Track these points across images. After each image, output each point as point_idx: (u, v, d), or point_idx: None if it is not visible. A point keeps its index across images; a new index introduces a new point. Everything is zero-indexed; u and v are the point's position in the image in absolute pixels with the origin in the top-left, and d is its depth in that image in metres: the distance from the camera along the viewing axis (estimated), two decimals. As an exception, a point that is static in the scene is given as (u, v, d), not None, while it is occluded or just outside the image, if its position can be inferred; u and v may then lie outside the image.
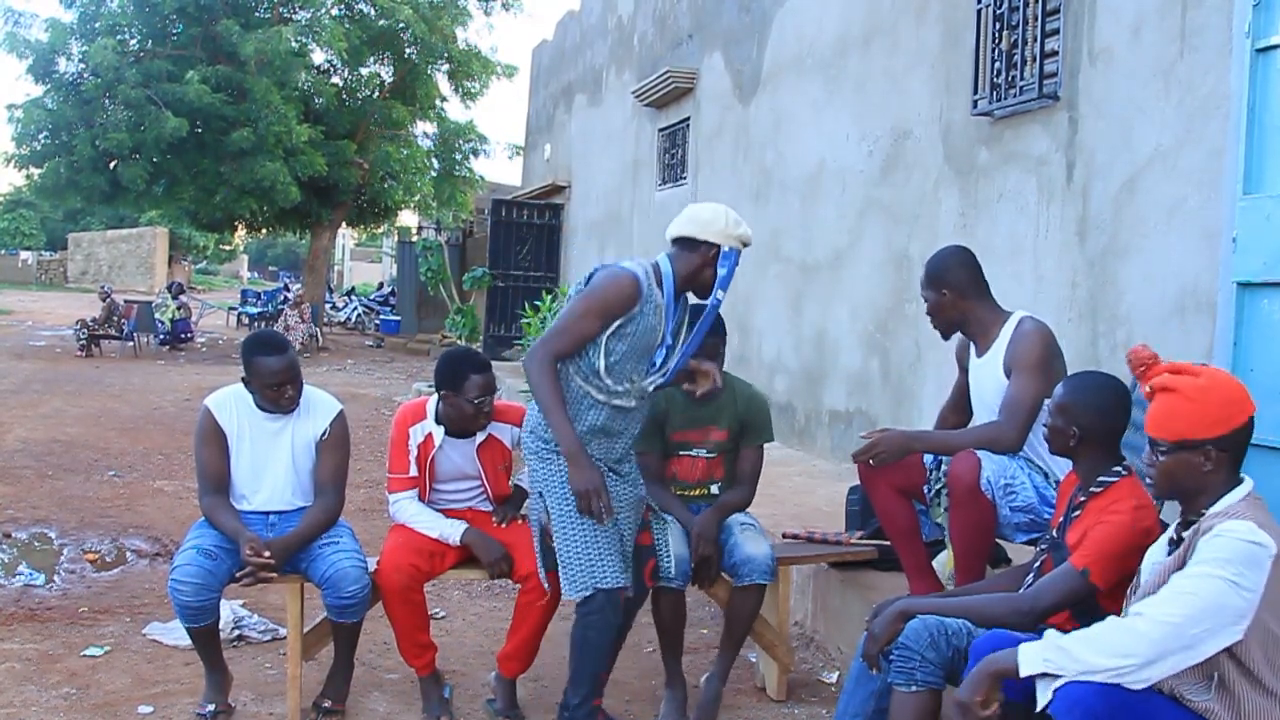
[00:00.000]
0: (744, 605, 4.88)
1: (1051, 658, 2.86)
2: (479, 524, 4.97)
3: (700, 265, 4.46)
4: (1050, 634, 2.90)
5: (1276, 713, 2.94)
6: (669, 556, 4.73)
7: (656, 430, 5.04)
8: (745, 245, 4.49)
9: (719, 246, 4.44)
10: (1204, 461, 3.06)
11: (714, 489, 5.18)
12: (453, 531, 4.86)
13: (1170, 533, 3.25)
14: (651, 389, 4.49)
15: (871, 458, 4.59)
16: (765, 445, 5.27)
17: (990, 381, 4.59)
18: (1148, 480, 3.25)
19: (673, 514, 4.97)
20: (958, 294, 4.67)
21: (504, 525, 5.01)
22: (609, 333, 4.30)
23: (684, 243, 4.49)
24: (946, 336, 4.86)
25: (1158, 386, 3.17)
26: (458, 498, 5.08)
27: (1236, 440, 3.06)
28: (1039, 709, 2.96)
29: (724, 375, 5.02)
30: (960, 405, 5.02)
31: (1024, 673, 2.88)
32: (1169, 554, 3.19)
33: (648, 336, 4.38)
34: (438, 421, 4.90)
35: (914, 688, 3.61)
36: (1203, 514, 3.08)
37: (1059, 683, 2.85)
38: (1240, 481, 3.10)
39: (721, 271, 4.44)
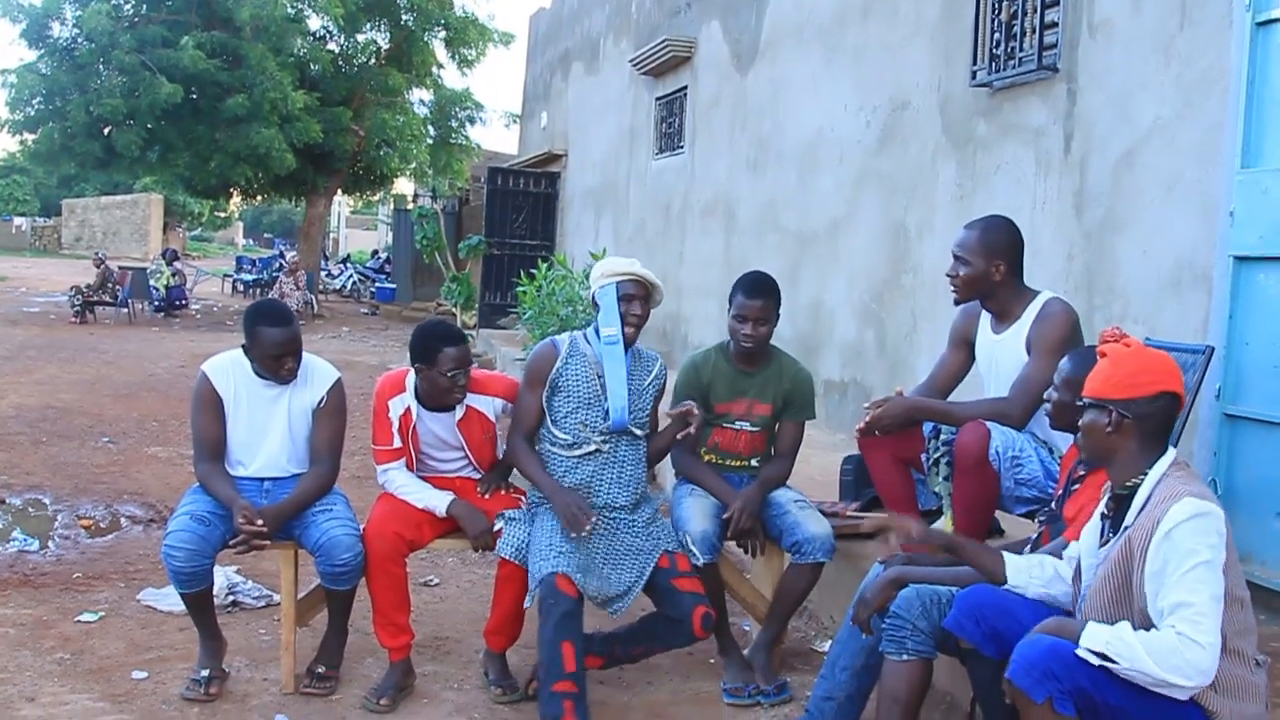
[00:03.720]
0: (799, 581, 4.93)
1: (1115, 645, 2.87)
2: (467, 493, 4.98)
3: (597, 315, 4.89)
4: (1121, 626, 2.91)
5: (1241, 671, 2.99)
6: (694, 543, 4.78)
7: (700, 399, 5.06)
8: (617, 278, 4.82)
9: (594, 294, 4.91)
10: (1107, 423, 3.13)
11: (755, 462, 5.21)
12: (439, 503, 4.86)
13: (1101, 507, 3.28)
14: (612, 430, 4.81)
15: (877, 427, 4.60)
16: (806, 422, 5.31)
17: (1010, 357, 4.57)
18: None
19: (707, 487, 5.06)
20: (1009, 269, 4.61)
21: (488, 495, 5.02)
22: (546, 396, 4.84)
23: (593, 301, 4.95)
24: (963, 303, 4.78)
25: (1099, 353, 3.28)
26: (445, 467, 5.09)
27: (1145, 411, 3.11)
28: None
29: (772, 349, 5.17)
30: (944, 387, 4.99)
31: (1084, 644, 2.89)
32: (1102, 533, 3.23)
33: (582, 387, 4.82)
34: (416, 396, 4.92)
35: (905, 656, 3.64)
36: (1128, 487, 3.15)
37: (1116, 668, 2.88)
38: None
39: (600, 312, 4.85)
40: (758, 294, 4.97)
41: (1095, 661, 2.88)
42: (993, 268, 4.58)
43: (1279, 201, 4.65)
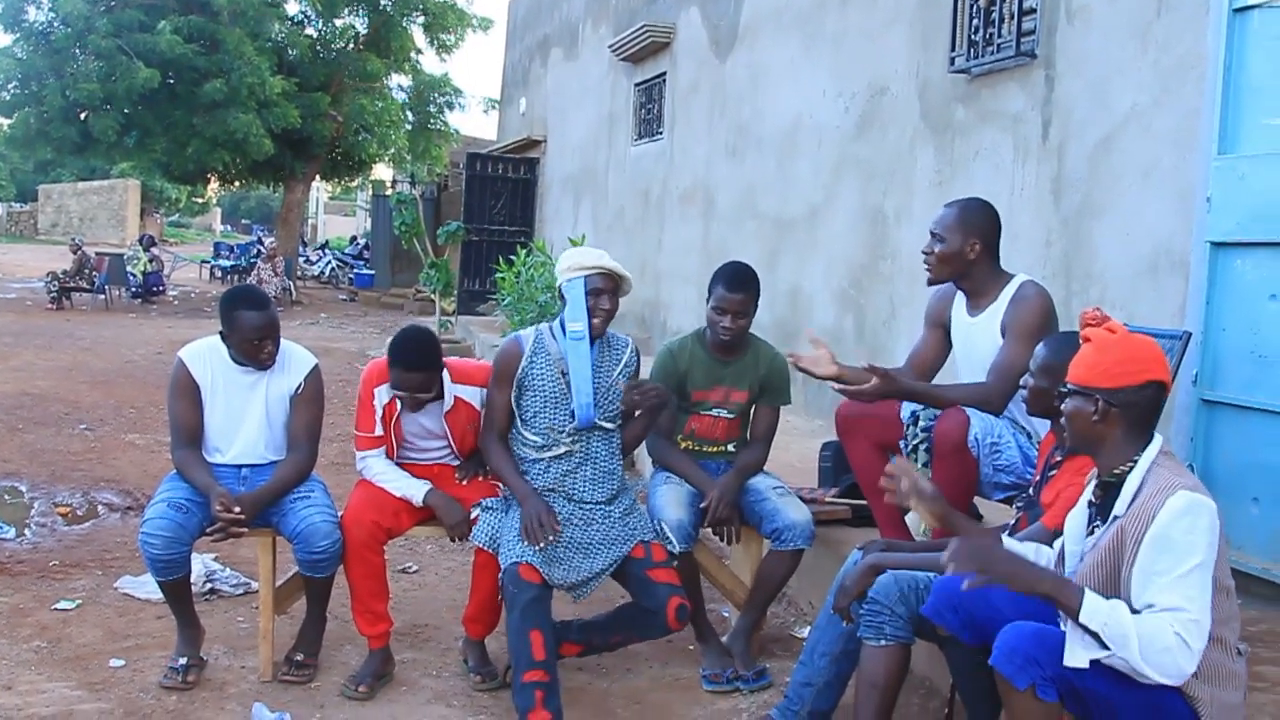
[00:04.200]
0: (779, 568, 4.94)
1: (1111, 628, 2.84)
2: (445, 481, 4.97)
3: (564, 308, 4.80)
4: (1118, 604, 2.89)
5: (1222, 659, 3.00)
6: (670, 531, 4.77)
7: (675, 387, 5.05)
8: (585, 270, 4.73)
9: (560, 286, 4.83)
10: (1093, 411, 3.10)
11: (731, 448, 5.22)
12: (416, 492, 4.85)
13: (1088, 494, 3.28)
14: (580, 428, 4.75)
15: (854, 393, 4.58)
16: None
17: (985, 340, 4.57)
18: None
19: (684, 475, 5.06)
20: (985, 248, 4.61)
21: (465, 483, 5.01)
22: (515, 394, 4.78)
23: (558, 293, 4.90)
24: (937, 283, 4.77)
25: (1083, 337, 3.25)
26: (426, 455, 5.08)
27: (1130, 400, 3.08)
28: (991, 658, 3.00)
29: (749, 337, 5.16)
30: (922, 369, 4.96)
31: (1082, 619, 2.86)
32: (1089, 520, 3.23)
33: (547, 387, 4.76)
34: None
35: (883, 642, 3.64)
36: (1115, 474, 3.13)
37: (1098, 655, 2.87)
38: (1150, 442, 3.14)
39: (566, 306, 4.76)
40: (738, 287, 4.96)
41: (1082, 662, 2.87)
42: (968, 246, 4.58)
43: (1255, 187, 4.66)
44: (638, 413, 4.89)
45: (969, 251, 4.58)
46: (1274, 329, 4.60)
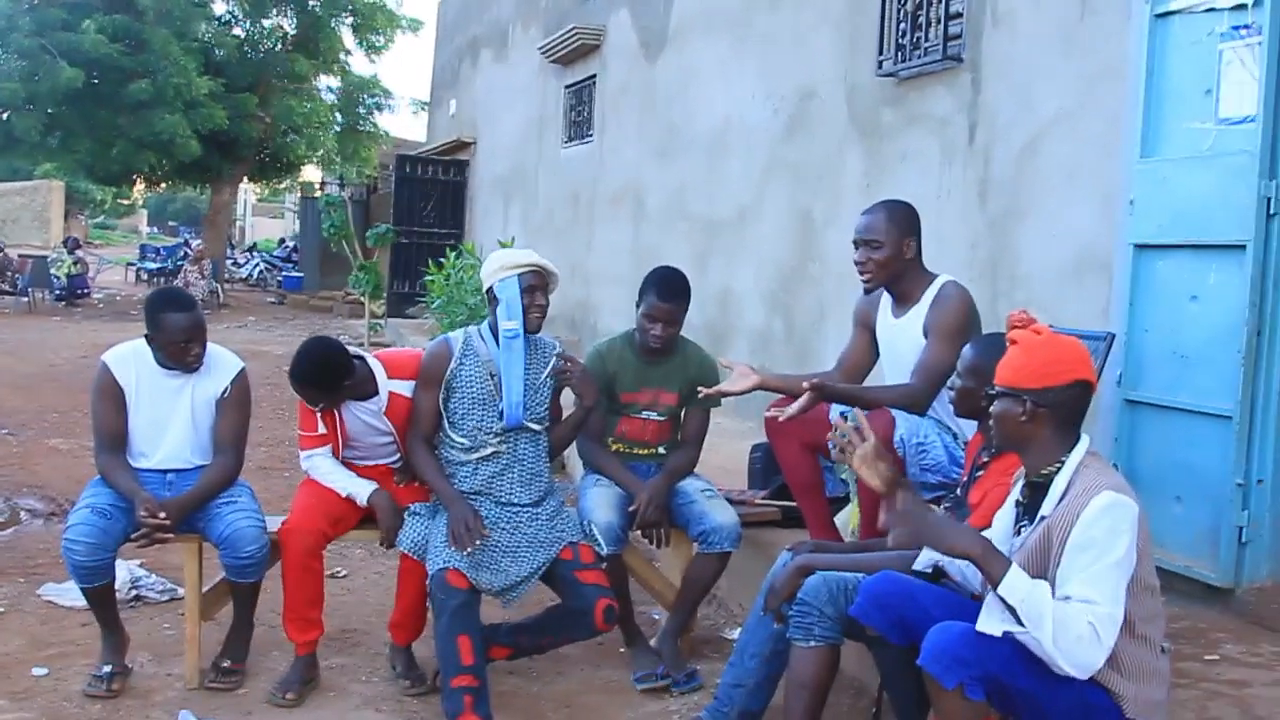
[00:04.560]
0: (706, 570, 4.93)
1: (1027, 606, 2.84)
2: (385, 483, 4.93)
3: (495, 309, 4.76)
4: (1041, 585, 2.90)
5: (1147, 656, 3.03)
6: (599, 533, 4.75)
7: (604, 389, 5.04)
8: (518, 269, 4.70)
9: (492, 287, 4.74)
10: (1020, 412, 3.13)
11: (662, 450, 5.21)
12: (361, 491, 4.81)
13: (1016, 494, 3.31)
14: (507, 429, 4.73)
15: (795, 412, 4.56)
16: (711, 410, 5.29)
17: (907, 343, 4.58)
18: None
19: (613, 478, 5.05)
20: (917, 248, 4.61)
21: (402, 485, 4.98)
22: (443, 396, 4.75)
23: (487, 296, 4.83)
24: (875, 289, 4.71)
25: (1010, 339, 3.28)
26: (372, 456, 5.03)
27: (1057, 400, 3.11)
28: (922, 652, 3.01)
29: (679, 339, 5.16)
30: (852, 371, 4.96)
31: (1001, 590, 2.86)
32: (1016, 520, 3.26)
33: (476, 387, 4.73)
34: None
35: (812, 643, 3.65)
36: (1043, 475, 3.16)
37: (1012, 628, 2.88)
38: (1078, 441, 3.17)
39: (500, 305, 4.70)
40: (669, 296, 4.97)
41: (995, 630, 2.89)
42: (904, 246, 4.57)
43: (1177, 191, 4.72)
44: (566, 414, 4.87)
45: (906, 252, 4.58)
46: (1195, 330, 4.66)
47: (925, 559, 3.51)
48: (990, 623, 2.92)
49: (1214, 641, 4.25)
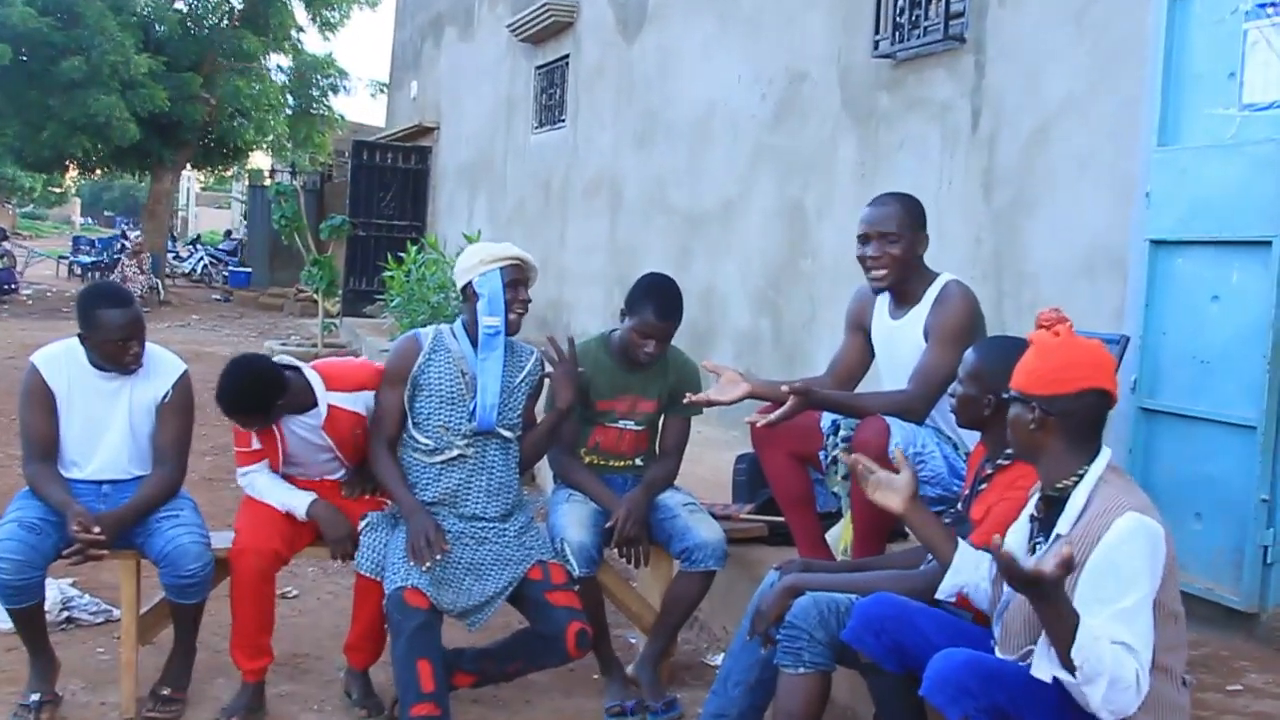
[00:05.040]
0: (689, 591, 4.92)
1: (1090, 666, 2.77)
2: (332, 496, 4.91)
3: (474, 306, 4.75)
4: (1101, 641, 2.81)
5: (1168, 689, 3.02)
6: (571, 552, 4.74)
7: (579, 396, 5.01)
8: (500, 262, 4.72)
9: (471, 283, 4.75)
10: (1030, 420, 3.13)
11: (639, 461, 5.20)
12: (299, 504, 4.78)
13: (1030, 509, 3.30)
14: (477, 430, 4.73)
15: (777, 419, 4.54)
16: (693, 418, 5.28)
17: (907, 345, 4.56)
18: None
19: (587, 492, 5.03)
20: (925, 244, 4.61)
21: (353, 499, 4.96)
22: (409, 395, 4.74)
23: (463, 292, 4.85)
24: (887, 289, 4.65)
25: (1029, 339, 3.29)
26: (314, 469, 5.00)
27: (1068, 409, 3.10)
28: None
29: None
30: (845, 377, 4.95)
31: (1078, 647, 2.79)
32: (1031, 536, 3.25)
33: (445, 385, 4.73)
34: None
35: (801, 669, 3.63)
36: (1059, 488, 3.14)
37: (1063, 677, 2.84)
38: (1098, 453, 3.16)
39: (481, 301, 4.71)
40: (669, 314, 4.96)
41: (1046, 676, 2.88)
42: (919, 242, 4.57)
43: (1198, 182, 4.71)
44: (542, 416, 4.88)
45: (920, 247, 4.58)
46: (1216, 333, 4.65)
47: (949, 586, 3.49)
48: (1042, 669, 2.90)
49: (1237, 670, 4.25)
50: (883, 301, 4.74)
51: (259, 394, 4.62)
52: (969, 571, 3.46)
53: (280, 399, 4.67)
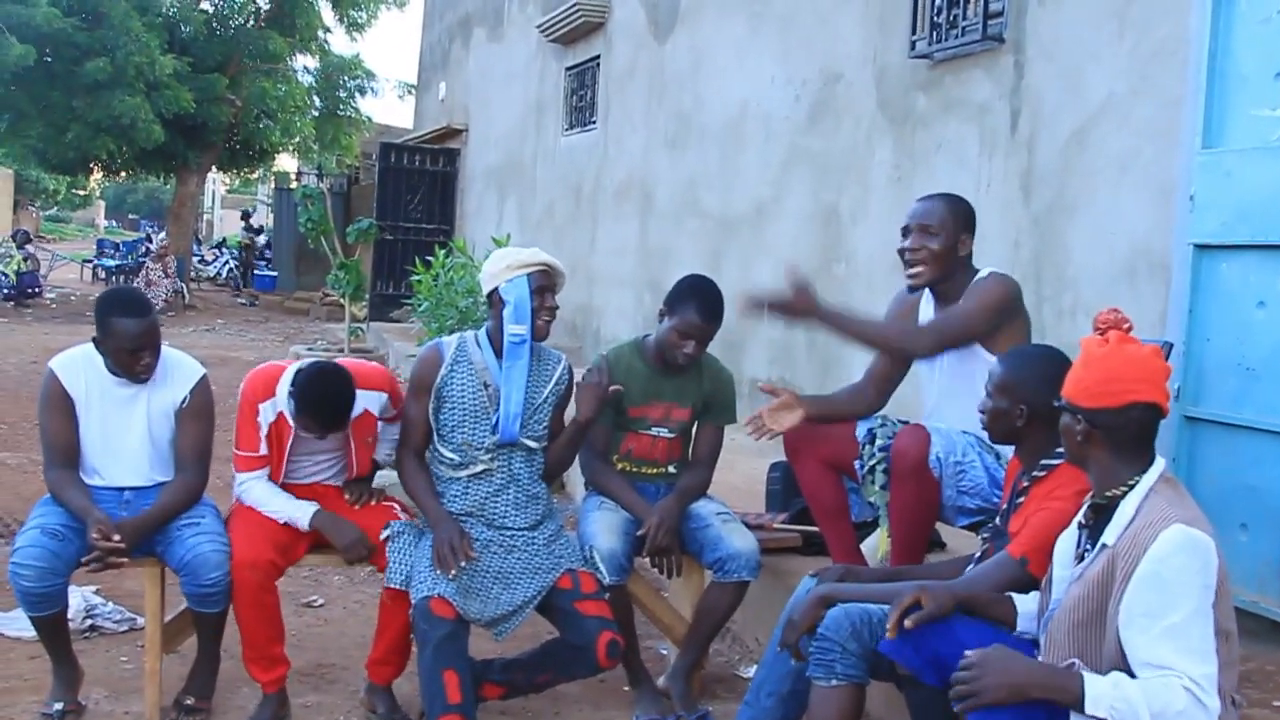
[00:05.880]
0: (722, 602, 4.90)
1: (1118, 711, 2.80)
2: (332, 503, 4.88)
3: (500, 313, 4.74)
4: (1120, 680, 2.85)
5: None
6: (602, 560, 4.72)
7: (611, 402, 5.00)
8: (527, 268, 4.72)
9: (497, 289, 4.73)
10: (1077, 430, 3.14)
11: (672, 469, 5.19)
12: (302, 515, 4.75)
13: (1080, 516, 3.28)
14: (501, 443, 4.74)
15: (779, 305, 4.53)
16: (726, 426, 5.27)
17: None
18: None
19: (619, 499, 5.01)
20: (968, 247, 4.60)
21: (358, 506, 4.94)
22: (433, 406, 4.76)
23: (489, 299, 4.84)
24: (922, 288, 4.66)
25: (1081, 342, 3.27)
26: (308, 472, 4.99)
27: (1111, 423, 3.09)
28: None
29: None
30: (883, 384, 4.93)
31: (1089, 710, 2.82)
32: (1079, 544, 3.23)
33: (469, 398, 4.74)
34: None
35: (834, 681, 3.60)
36: (1108, 496, 3.13)
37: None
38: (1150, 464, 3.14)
39: (507, 308, 4.69)
40: (712, 316, 4.93)
41: None
42: (960, 242, 4.55)
43: (1242, 184, 4.68)
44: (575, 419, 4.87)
45: (961, 248, 4.56)
46: (1262, 339, 4.61)
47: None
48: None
49: (1283, 685, 4.22)
50: (926, 304, 4.73)
51: (348, 401, 4.66)
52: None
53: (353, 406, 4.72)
